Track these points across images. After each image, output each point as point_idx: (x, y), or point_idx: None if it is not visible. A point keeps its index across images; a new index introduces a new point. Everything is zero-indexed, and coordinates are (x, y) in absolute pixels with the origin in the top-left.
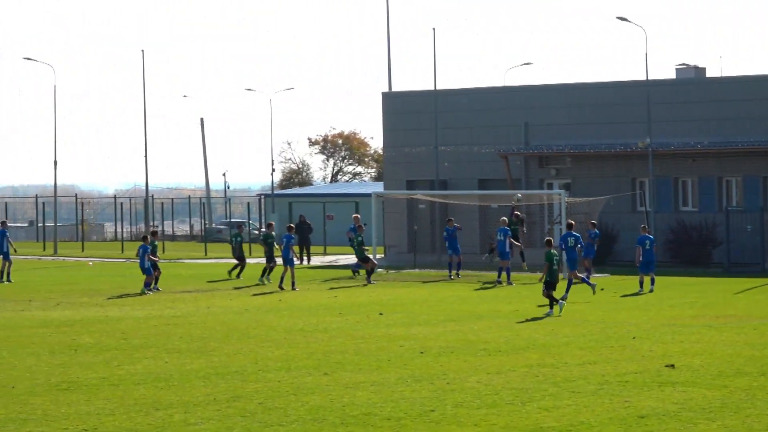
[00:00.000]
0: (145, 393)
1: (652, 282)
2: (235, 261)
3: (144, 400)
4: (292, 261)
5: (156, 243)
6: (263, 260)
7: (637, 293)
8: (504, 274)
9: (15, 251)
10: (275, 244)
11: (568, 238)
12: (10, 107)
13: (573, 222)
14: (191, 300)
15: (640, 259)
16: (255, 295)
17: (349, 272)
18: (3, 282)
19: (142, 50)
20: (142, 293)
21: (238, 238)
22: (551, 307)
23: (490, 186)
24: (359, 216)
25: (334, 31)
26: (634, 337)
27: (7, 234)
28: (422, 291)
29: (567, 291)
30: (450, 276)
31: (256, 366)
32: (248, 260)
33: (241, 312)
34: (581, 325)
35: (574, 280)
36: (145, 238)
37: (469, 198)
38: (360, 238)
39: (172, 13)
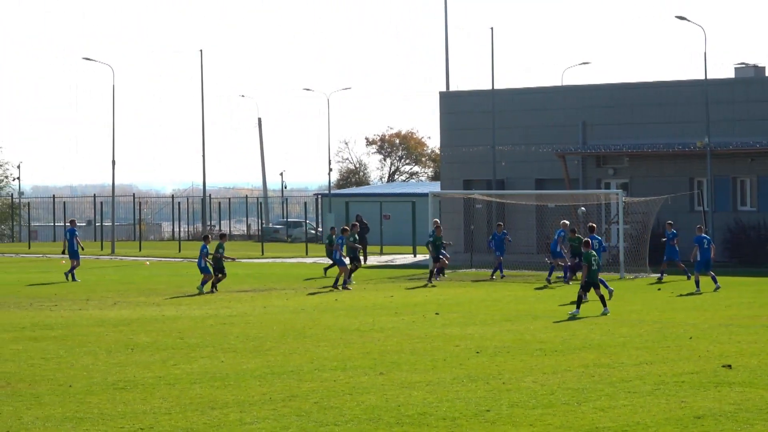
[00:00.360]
0: (201, 392)
1: (715, 280)
2: (331, 261)
3: (200, 399)
4: (342, 261)
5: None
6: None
7: (693, 293)
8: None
9: (83, 249)
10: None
11: (592, 242)
12: (69, 107)
13: (594, 225)
14: (248, 299)
15: (697, 258)
16: (311, 294)
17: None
18: (69, 281)
19: (201, 50)
20: (200, 293)
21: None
22: (578, 307)
23: (547, 186)
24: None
25: (392, 30)
26: (690, 337)
27: (77, 233)
28: (479, 291)
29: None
30: (492, 276)
31: (312, 365)
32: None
33: (298, 311)
34: (638, 325)
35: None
36: (206, 238)
37: (526, 198)
38: (438, 242)
39: (230, 13)
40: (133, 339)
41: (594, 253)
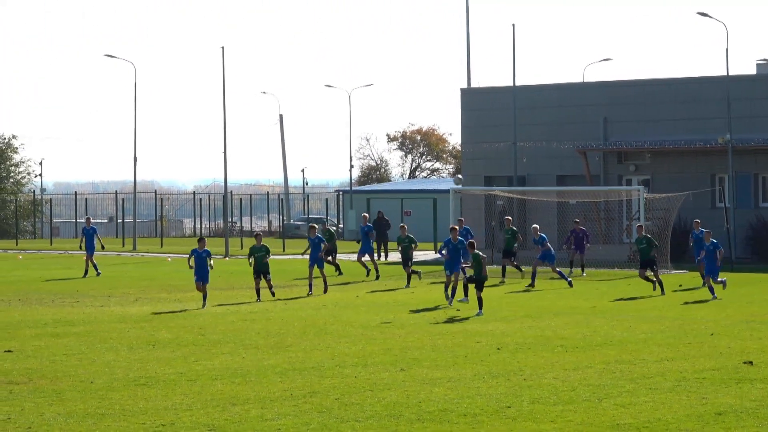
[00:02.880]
0: (222, 388)
1: (712, 291)
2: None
3: (221, 395)
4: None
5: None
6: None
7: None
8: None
9: (102, 248)
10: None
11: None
12: (91, 104)
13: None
14: (268, 295)
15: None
16: (332, 285)
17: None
18: (96, 275)
19: (222, 47)
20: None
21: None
22: (480, 308)
23: (568, 182)
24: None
25: (413, 27)
26: (712, 334)
27: (97, 232)
28: (499, 287)
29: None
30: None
31: (333, 362)
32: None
33: (319, 308)
34: (659, 321)
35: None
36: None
37: (547, 194)
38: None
39: (251, 10)
40: (154, 335)
41: (482, 254)
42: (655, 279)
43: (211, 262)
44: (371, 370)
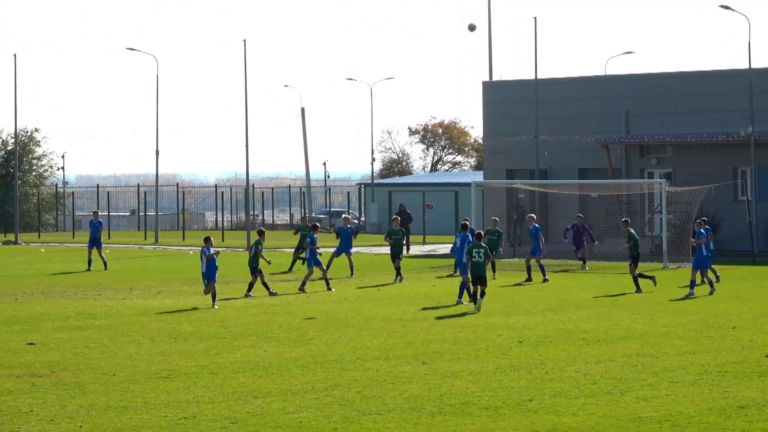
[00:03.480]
0: (244, 381)
1: (692, 286)
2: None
3: (243, 388)
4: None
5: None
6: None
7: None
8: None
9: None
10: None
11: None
12: (113, 97)
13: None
14: (291, 289)
15: (704, 252)
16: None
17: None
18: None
19: (244, 40)
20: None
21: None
22: (474, 301)
23: (590, 175)
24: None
25: (435, 19)
26: (734, 327)
27: (102, 225)
28: (520, 280)
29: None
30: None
31: (355, 355)
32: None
33: (340, 301)
34: (681, 314)
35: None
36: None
37: (568, 187)
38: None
39: (273, 3)
40: (176, 328)
41: (483, 247)
42: (639, 274)
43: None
44: (393, 363)
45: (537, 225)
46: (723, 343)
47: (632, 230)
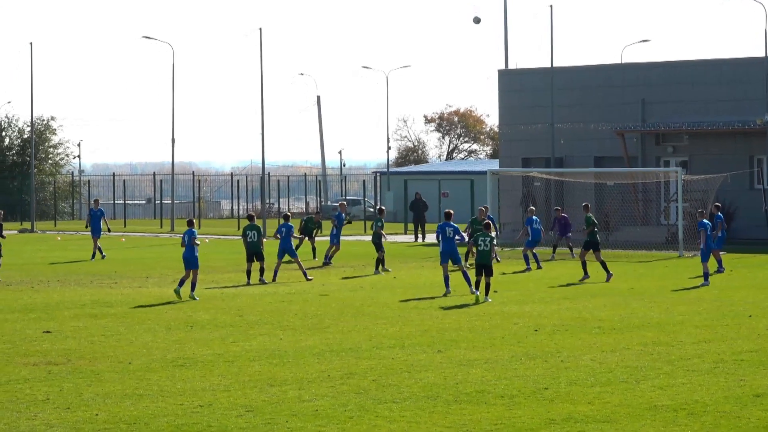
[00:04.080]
0: (259, 369)
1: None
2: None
3: (259, 376)
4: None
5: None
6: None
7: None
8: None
9: (108, 230)
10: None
11: (447, 228)
12: (129, 85)
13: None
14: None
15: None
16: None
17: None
18: (102, 258)
19: (260, 28)
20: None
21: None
22: (477, 287)
23: (606, 164)
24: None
25: (451, 7)
26: (750, 316)
27: (105, 214)
28: (537, 268)
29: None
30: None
31: (371, 343)
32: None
33: (356, 289)
34: (696, 303)
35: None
36: (286, 217)
37: (584, 176)
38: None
39: None
40: (192, 316)
41: (488, 235)
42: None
43: (197, 242)
44: (408, 351)
45: (535, 217)
46: (739, 332)
47: (591, 215)
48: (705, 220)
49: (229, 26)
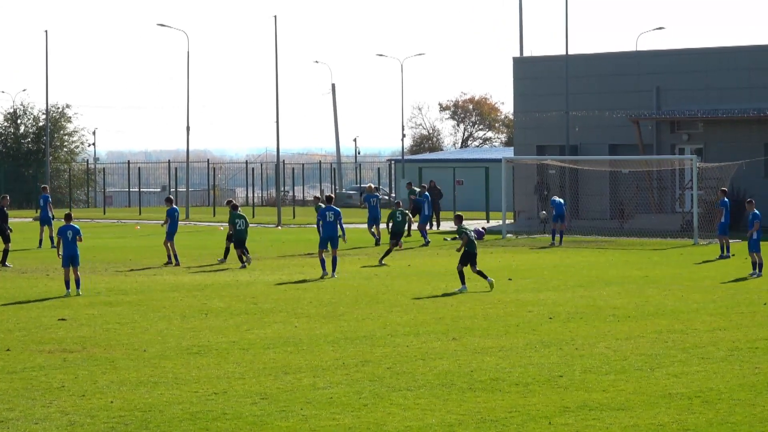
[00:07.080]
0: (274, 357)
1: (725, 249)
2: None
3: (273, 364)
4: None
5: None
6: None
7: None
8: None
9: (52, 217)
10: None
11: (327, 213)
12: (144, 73)
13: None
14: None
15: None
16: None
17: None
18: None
19: (275, 16)
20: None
21: None
22: (463, 283)
23: (620, 151)
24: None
25: None
26: (765, 303)
27: (49, 200)
28: (551, 256)
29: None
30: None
31: (385, 331)
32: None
33: (370, 277)
34: (711, 290)
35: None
36: (318, 199)
37: (599, 163)
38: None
39: None
40: (207, 304)
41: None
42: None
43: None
44: (423, 339)
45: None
46: (754, 319)
47: (463, 226)
48: (756, 211)
49: (244, 14)
